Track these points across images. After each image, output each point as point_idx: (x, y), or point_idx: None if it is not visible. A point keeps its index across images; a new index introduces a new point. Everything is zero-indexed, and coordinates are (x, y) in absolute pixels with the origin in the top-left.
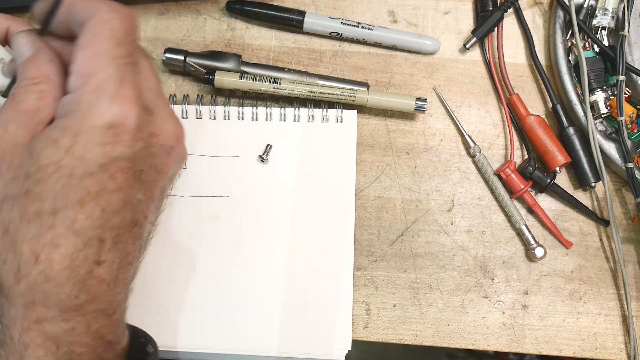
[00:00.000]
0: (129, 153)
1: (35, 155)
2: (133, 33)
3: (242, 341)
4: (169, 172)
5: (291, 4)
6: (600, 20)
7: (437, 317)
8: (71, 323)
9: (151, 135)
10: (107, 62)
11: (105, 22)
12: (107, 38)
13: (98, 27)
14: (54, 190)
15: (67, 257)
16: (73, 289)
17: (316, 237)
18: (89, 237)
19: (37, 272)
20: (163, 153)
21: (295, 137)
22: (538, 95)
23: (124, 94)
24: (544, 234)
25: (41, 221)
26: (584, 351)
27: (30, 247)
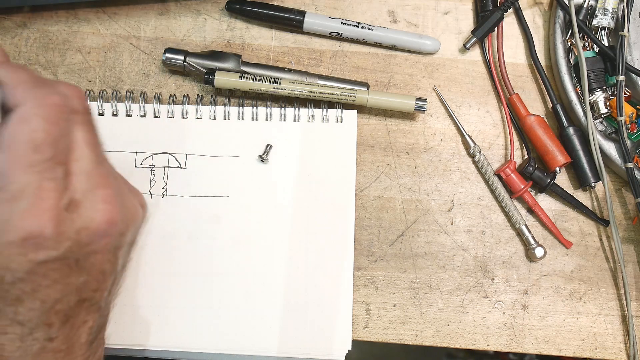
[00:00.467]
0: (55, 255)
1: None
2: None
3: (242, 341)
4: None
5: (291, 4)
6: (600, 20)
7: (437, 317)
8: None
9: (78, 232)
10: (23, 170)
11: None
12: (24, 143)
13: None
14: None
15: (16, 341)
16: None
17: (316, 237)
18: (34, 324)
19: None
20: (97, 239)
21: (295, 137)
22: (538, 95)
23: (39, 206)
24: (544, 234)
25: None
26: (584, 351)
27: None
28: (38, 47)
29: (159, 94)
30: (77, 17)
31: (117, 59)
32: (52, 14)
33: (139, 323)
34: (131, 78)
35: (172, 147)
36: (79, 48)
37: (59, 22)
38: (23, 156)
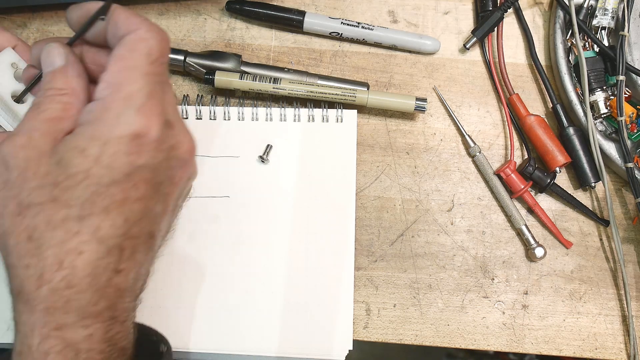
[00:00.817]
0: (152, 163)
1: (63, 164)
2: (166, 55)
3: (242, 341)
4: (183, 185)
5: (291, 4)
6: (600, 20)
7: (437, 317)
8: (90, 329)
9: (171, 148)
10: (140, 76)
11: (143, 40)
12: (143, 55)
13: (136, 44)
14: (82, 197)
15: (90, 264)
16: (93, 296)
17: (316, 237)
18: (112, 245)
19: (59, 278)
20: (179, 166)
21: (296, 137)
22: (538, 95)
23: (150, 107)
24: (544, 234)
25: (67, 227)
26: (584, 351)
27: (55, 252)
28: None
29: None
30: None
31: None
32: (52, 14)
33: None
34: None
35: None
36: None
37: (59, 22)
38: (140, 65)
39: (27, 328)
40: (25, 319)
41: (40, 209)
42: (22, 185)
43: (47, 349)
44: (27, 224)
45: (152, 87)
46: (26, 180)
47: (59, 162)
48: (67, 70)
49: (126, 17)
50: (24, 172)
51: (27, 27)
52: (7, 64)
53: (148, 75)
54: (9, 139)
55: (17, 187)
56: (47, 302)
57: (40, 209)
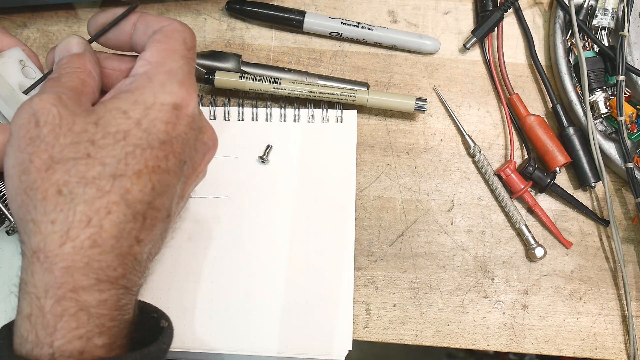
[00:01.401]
0: (184, 138)
1: (102, 123)
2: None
3: (242, 341)
4: (199, 174)
5: (291, 4)
6: (600, 20)
7: (437, 317)
8: (105, 294)
9: (200, 130)
10: (179, 57)
11: (179, 31)
12: (180, 41)
13: (173, 33)
14: (118, 157)
15: (116, 226)
16: (114, 260)
17: (316, 237)
18: (137, 210)
19: (86, 236)
20: (202, 152)
21: (296, 138)
22: (538, 95)
23: (190, 84)
24: (544, 234)
25: (99, 185)
26: (584, 351)
27: (85, 209)
28: (38, 47)
29: None
30: (77, 17)
31: None
32: (52, 14)
33: None
34: None
35: None
36: None
37: (59, 22)
38: (179, 49)
39: (40, 289)
40: (39, 279)
41: (73, 164)
42: (55, 141)
43: (61, 312)
44: (57, 179)
45: (189, 69)
46: (58, 136)
47: (98, 122)
48: (84, 55)
49: (156, 17)
50: (56, 128)
51: (27, 27)
52: (15, 59)
53: (185, 58)
54: (37, 97)
55: (48, 143)
56: (69, 261)
57: (73, 164)
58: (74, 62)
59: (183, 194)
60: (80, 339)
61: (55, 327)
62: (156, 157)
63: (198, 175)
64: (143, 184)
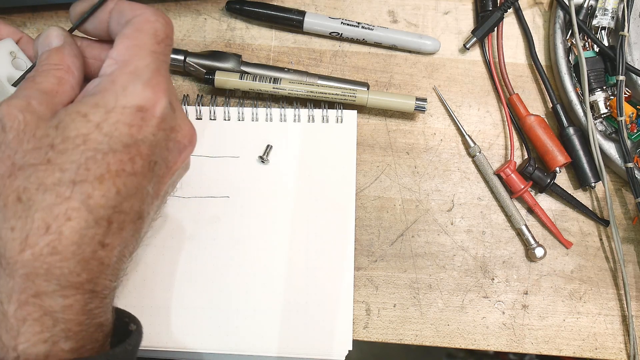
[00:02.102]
0: (151, 140)
1: (62, 127)
2: (171, 38)
3: (242, 341)
4: (176, 172)
5: (291, 4)
6: (600, 20)
7: (437, 317)
8: (69, 300)
9: (172, 130)
10: (147, 53)
11: (149, 21)
12: (150, 34)
13: (143, 25)
14: (77, 162)
15: (77, 232)
16: (76, 266)
17: (316, 237)
18: (100, 216)
19: (45, 243)
20: (176, 150)
21: (295, 138)
22: (538, 95)
23: (157, 83)
24: (544, 234)
25: (58, 191)
26: (584, 351)
27: (43, 216)
28: None
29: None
30: None
31: None
32: (52, 14)
33: None
34: None
35: None
36: None
37: (59, 22)
38: (148, 44)
39: (4, 294)
40: (3, 285)
41: (33, 170)
42: (18, 147)
43: (24, 316)
44: (17, 185)
45: (158, 65)
46: (22, 142)
47: (58, 125)
48: (63, 48)
49: (130, 4)
50: (20, 134)
51: (27, 27)
52: (6, 51)
53: (155, 53)
54: (5, 102)
55: (12, 149)
56: (29, 268)
57: (33, 170)
58: (51, 58)
59: (157, 193)
60: (45, 342)
61: (18, 331)
62: (120, 160)
63: (174, 173)
64: (106, 189)
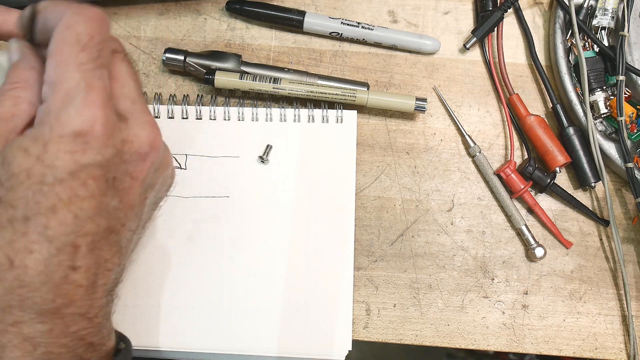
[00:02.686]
0: (99, 160)
1: (7, 164)
2: (100, 35)
3: (241, 341)
4: (146, 178)
5: (291, 4)
6: (600, 20)
7: (437, 317)
8: (48, 325)
9: (123, 143)
10: (74, 68)
11: (69, 27)
12: (71, 44)
13: (63, 33)
14: (25, 198)
15: (41, 263)
16: (48, 293)
17: (316, 237)
18: (62, 243)
19: (12, 277)
20: (137, 160)
21: (295, 138)
22: (538, 95)
23: (91, 101)
24: (544, 234)
25: (14, 228)
26: (584, 351)
27: (5, 252)
28: None
29: (159, 94)
30: None
31: None
32: None
33: (138, 323)
34: None
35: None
36: None
37: None
38: (72, 56)
39: None
40: None
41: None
42: None
43: (4, 343)
44: None
45: (89, 79)
46: None
47: (3, 162)
48: (19, 63)
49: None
50: None
51: None
52: None
53: (81, 66)
54: None
55: None
56: (2, 301)
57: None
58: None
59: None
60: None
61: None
62: (70, 187)
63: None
64: (62, 217)
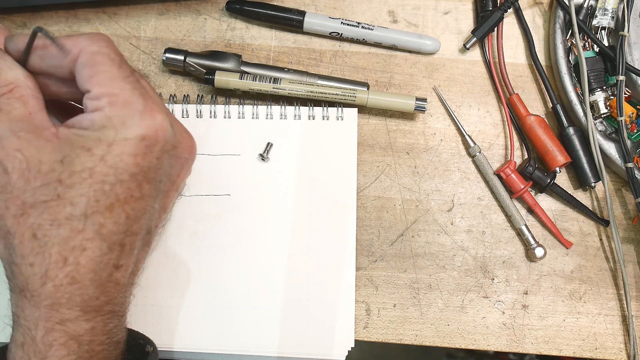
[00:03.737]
0: (156, 164)
1: (67, 162)
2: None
3: (242, 341)
4: (181, 183)
5: (291, 4)
6: (600, 20)
7: (437, 317)
8: (92, 323)
9: (174, 148)
10: (122, 81)
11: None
12: (107, 63)
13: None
14: (86, 196)
15: (92, 261)
16: (95, 291)
17: (318, 235)
18: (113, 241)
19: (63, 275)
20: (179, 165)
21: (296, 135)
22: (538, 95)
23: (152, 107)
24: (544, 234)
25: (71, 225)
26: (584, 351)
27: (59, 250)
28: None
29: (159, 94)
30: (77, 17)
31: None
32: (52, 14)
33: (139, 322)
34: None
35: None
36: None
37: (59, 22)
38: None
39: (31, 322)
40: (29, 314)
41: (45, 207)
42: (26, 186)
43: (50, 341)
44: (31, 223)
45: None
46: (29, 180)
47: (63, 160)
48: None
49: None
50: (25, 172)
51: (27, 27)
52: None
53: (127, 79)
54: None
55: (19, 189)
56: (52, 299)
57: (45, 207)
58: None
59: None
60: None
61: (46, 354)
62: (128, 188)
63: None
64: (117, 216)
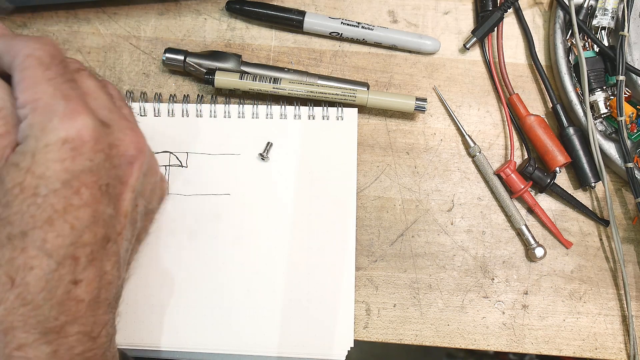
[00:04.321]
0: (90, 166)
1: (1, 181)
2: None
3: (242, 340)
4: (136, 184)
5: (291, 4)
6: (600, 20)
7: (437, 317)
8: (53, 346)
9: (110, 146)
10: (45, 84)
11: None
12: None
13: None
14: (21, 212)
15: (42, 279)
16: (52, 311)
17: (317, 235)
18: (62, 256)
19: (14, 297)
20: (125, 163)
21: (296, 135)
22: (538, 95)
23: (72, 109)
24: (544, 234)
25: (13, 244)
26: (584, 351)
27: (6, 271)
28: None
29: (159, 94)
30: (77, 17)
31: (117, 59)
32: (52, 14)
33: (138, 322)
34: (131, 78)
35: (172, 146)
36: (79, 48)
37: (59, 22)
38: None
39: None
40: None
41: None
42: None
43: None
44: None
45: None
46: None
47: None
48: None
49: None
50: None
51: (27, 27)
52: None
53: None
54: None
55: None
56: (5, 323)
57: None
58: None
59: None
60: None
61: None
62: (64, 197)
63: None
64: (59, 229)
